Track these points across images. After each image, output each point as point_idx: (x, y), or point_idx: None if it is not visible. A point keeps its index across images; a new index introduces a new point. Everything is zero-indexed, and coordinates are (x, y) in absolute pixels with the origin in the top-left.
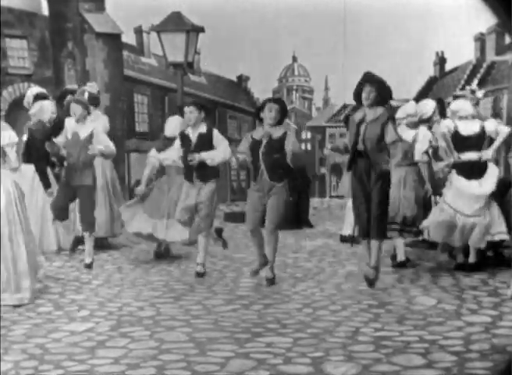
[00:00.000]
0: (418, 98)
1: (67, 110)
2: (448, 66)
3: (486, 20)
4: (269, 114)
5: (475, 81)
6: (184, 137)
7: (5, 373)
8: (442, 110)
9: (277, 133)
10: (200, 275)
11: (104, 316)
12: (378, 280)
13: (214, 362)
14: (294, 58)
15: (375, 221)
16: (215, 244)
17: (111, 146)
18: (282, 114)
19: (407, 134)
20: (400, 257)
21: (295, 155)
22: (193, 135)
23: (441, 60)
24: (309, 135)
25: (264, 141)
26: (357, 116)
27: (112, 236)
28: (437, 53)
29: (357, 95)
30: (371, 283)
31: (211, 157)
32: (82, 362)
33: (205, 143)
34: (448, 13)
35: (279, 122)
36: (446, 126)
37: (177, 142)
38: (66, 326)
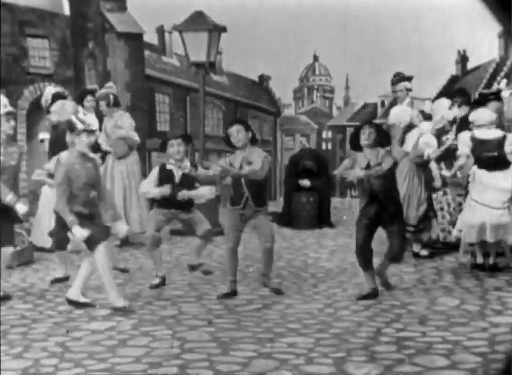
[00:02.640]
0: (439, 97)
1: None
2: (470, 65)
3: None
4: (234, 138)
5: (504, 80)
6: (166, 173)
7: (25, 370)
8: (467, 101)
9: (252, 157)
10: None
11: (126, 314)
12: (400, 280)
13: (236, 361)
14: (315, 58)
15: (394, 247)
16: None
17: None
18: (249, 131)
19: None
20: (415, 249)
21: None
22: (177, 173)
23: (463, 58)
24: (330, 134)
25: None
26: (361, 161)
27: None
28: (459, 51)
29: (355, 139)
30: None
31: (199, 196)
32: (103, 360)
33: (189, 181)
34: (471, 10)
35: (252, 142)
36: (464, 142)
37: (154, 174)
38: (87, 324)
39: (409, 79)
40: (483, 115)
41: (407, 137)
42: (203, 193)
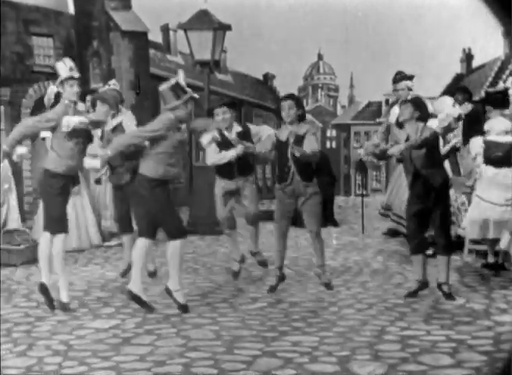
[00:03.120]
0: (445, 94)
1: (93, 106)
2: (475, 63)
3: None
4: (285, 112)
5: (510, 78)
6: (221, 138)
7: (29, 368)
8: (469, 98)
9: (301, 131)
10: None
11: (130, 313)
12: (404, 279)
13: (241, 360)
14: (320, 56)
15: (441, 236)
16: None
17: None
18: (300, 108)
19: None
20: None
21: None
22: (229, 136)
23: (468, 57)
24: (334, 133)
25: (292, 141)
26: (402, 136)
27: None
28: (464, 50)
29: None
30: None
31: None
32: (107, 358)
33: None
34: (475, 9)
35: (301, 117)
36: (477, 145)
37: (213, 145)
38: (91, 323)
39: (410, 78)
40: (499, 125)
41: None
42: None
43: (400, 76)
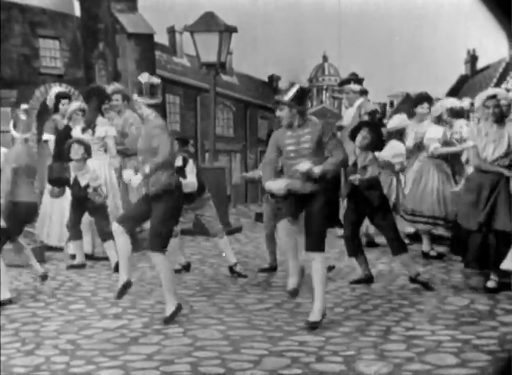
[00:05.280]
0: (449, 96)
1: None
2: (480, 64)
3: None
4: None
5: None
6: None
7: (37, 367)
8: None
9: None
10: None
11: (137, 313)
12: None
13: (247, 359)
14: (325, 58)
15: (393, 240)
16: None
17: None
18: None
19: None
20: (426, 248)
21: None
22: None
23: (472, 58)
24: (338, 135)
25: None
26: (351, 154)
27: None
28: (468, 51)
29: (353, 136)
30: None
31: (185, 185)
32: (114, 358)
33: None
34: (479, 9)
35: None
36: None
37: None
38: (98, 322)
39: (359, 81)
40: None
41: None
42: (186, 184)
43: (343, 80)
